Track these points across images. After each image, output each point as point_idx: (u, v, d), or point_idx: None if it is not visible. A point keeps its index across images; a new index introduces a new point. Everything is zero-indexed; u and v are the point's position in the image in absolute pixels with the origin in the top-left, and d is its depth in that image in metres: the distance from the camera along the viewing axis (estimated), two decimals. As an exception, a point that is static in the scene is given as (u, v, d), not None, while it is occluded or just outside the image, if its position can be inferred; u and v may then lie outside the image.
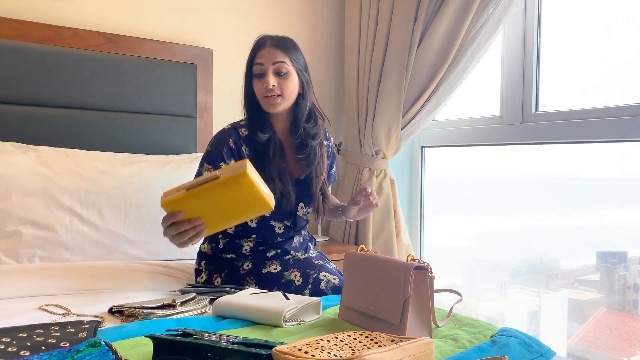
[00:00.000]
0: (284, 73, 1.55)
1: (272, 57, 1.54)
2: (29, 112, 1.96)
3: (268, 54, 1.54)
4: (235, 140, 1.59)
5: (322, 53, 2.74)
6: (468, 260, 2.70)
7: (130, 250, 1.87)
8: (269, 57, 1.54)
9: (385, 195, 2.49)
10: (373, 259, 1.24)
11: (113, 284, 1.60)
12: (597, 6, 2.02)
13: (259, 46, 1.57)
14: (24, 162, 1.79)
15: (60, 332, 1.09)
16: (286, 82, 1.55)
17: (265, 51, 1.55)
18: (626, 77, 1.91)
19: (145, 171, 1.97)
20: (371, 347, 0.94)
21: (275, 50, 1.54)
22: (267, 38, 1.58)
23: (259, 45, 1.57)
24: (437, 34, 2.20)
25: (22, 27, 1.96)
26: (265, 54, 1.55)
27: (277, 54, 1.54)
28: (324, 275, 1.54)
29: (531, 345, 1.08)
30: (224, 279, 1.65)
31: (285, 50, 1.55)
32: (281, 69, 1.54)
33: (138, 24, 2.25)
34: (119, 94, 2.13)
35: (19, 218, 1.71)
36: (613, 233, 2.12)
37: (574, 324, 2.19)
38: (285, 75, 1.55)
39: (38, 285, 1.52)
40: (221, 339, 0.93)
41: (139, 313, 1.26)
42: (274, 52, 1.54)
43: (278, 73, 1.54)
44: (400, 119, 2.36)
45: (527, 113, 2.18)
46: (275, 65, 1.54)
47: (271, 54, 1.54)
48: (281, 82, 1.55)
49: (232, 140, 1.58)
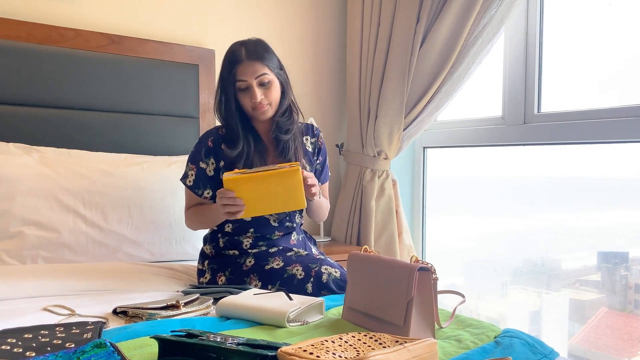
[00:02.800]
0: (267, 82, 1.61)
1: (254, 72, 1.58)
2: (32, 113, 1.97)
3: (249, 70, 1.58)
4: (213, 140, 1.68)
5: (324, 53, 2.75)
6: (469, 261, 2.70)
7: (133, 251, 1.87)
8: (250, 72, 1.58)
9: (387, 196, 2.49)
10: (377, 260, 1.24)
11: (116, 285, 1.61)
12: (599, 7, 2.03)
13: (236, 61, 1.59)
14: (27, 163, 1.79)
15: (66, 333, 1.09)
16: (270, 91, 1.62)
17: (245, 67, 1.58)
18: (628, 78, 1.91)
19: (148, 172, 1.97)
20: (376, 348, 0.94)
21: (254, 64, 1.58)
22: (241, 51, 1.60)
23: (235, 60, 1.59)
24: (439, 34, 2.20)
25: (25, 28, 1.96)
26: (245, 70, 1.58)
27: (257, 67, 1.58)
28: (326, 268, 1.56)
29: (535, 346, 1.08)
30: (228, 276, 1.66)
31: (262, 60, 1.59)
32: (264, 80, 1.60)
33: (141, 25, 2.25)
34: (121, 95, 2.13)
35: (22, 219, 1.72)
36: (614, 233, 2.12)
37: (575, 324, 2.19)
38: (268, 84, 1.61)
39: (42, 285, 1.52)
40: (226, 340, 0.94)
41: (143, 314, 1.27)
42: (253, 66, 1.58)
43: (261, 84, 1.60)
44: (402, 120, 2.37)
45: (530, 114, 2.18)
46: (258, 79, 1.59)
47: (252, 70, 1.58)
48: (266, 92, 1.61)
49: (211, 139, 1.68)
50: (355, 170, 2.57)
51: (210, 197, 1.69)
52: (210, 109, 2.35)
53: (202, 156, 1.67)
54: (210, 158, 1.67)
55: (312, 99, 2.73)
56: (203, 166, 1.67)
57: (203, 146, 1.68)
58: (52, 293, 1.49)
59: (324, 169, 1.86)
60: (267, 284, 1.59)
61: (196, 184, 1.67)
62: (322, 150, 1.84)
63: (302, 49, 2.67)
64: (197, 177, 1.67)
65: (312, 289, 1.52)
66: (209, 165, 1.67)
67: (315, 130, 1.83)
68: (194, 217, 1.71)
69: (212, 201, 1.70)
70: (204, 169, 1.67)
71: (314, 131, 1.83)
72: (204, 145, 1.68)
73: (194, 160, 1.68)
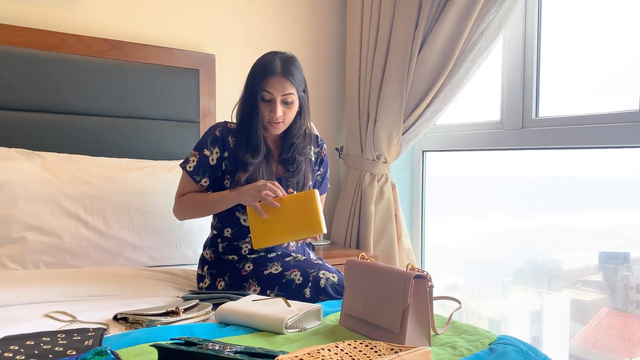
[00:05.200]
0: (290, 102, 1.64)
1: (283, 88, 1.61)
2: (33, 118, 1.99)
3: (279, 85, 1.61)
4: (221, 131, 1.70)
5: (324, 58, 2.76)
6: (470, 261, 2.71)
7: (134, 255, 1.89)
8: (279, 88, 1.61)
9: (387, 200, 2.51)
10: (373, 267, 1.25)
11: (117, 290, 1.62)
12: (596, 13, 2.04)
13: (270, 72, 1.61)
14: (29, 168, 1.81)
15: (67, 340, 1.11)
16: (290, 110, 1.66)
17: (276, 81, 1.60)
18: (625, 83, 1.92)
19: (149, 177, 1.99)
20: (371, 356, 0.96)
21: (285, 82, 1.61)
22: (277, 63, 1.61)
23: (269, 71, 1.61)
24: (438, 39, 2.21)
25: (27, 34, 1.98)
26: (276, 84, 1.60)
27: (287, 85, 1.61)
28: (324, 273, 1.57)
29: (528, 353, 1.09)
30: (227, 282, 1.67)
31: (293, 80, 1.62)
32: (288, 99, 1.63)
33: (142, 31, 2.27)
34: (122, 100, 2.15)
35: (24, 224, 1.74)
36: (616, 234, 2.12)
37: (576, 325, 2.20)
38: (290, 104, 1.65)
39: (43, 291, 1.54)
40: (224, 348, 0.95)
41: (143, 320, 1.28)
42: (284, 84, 1.61)
43: (284, 102, 1.63)
44: (401, 124, 2.38)
45: (528, 118, 2.19)
46: (284, 97, 1.62)
47: (281, 86, 1.61)
48: (285, 110, 1.65)
49: (219, 130, 1.71)
50: (355, 173, 2.58)
51: (206, 187, 1.70)
52: (210, 114, 2.37)
53: (208, 144, 1.68)
54: (215, 147, 1.68)
55: (312, 103, 2.73)
56: (207, 153, 1.68)
57: (210, 135, 1.70)
58: (53, 299, 1.51)
59: (324, 181, 1.88)
60: (266, 289, 1.61)
61: (196, 170, 1.68)
62: (324, 161, 1.86)
63: (302, 54, 2.68)
64: (198, 164, 1.68)
65: (310, 293, 1.54)
66: (213, 154, 1.68)
67: (320, 141, 1.85)
68: (190, 203, 1.69)
69: (207, 191, 1.72)
70: (207, 156, 1.68)
71: (318, 142, 1.85)
72: (211, 134, 1.70)
73: (199, 147, 1.70)
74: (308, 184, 1.75)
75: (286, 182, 1.71)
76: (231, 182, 1.67)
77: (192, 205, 1.70)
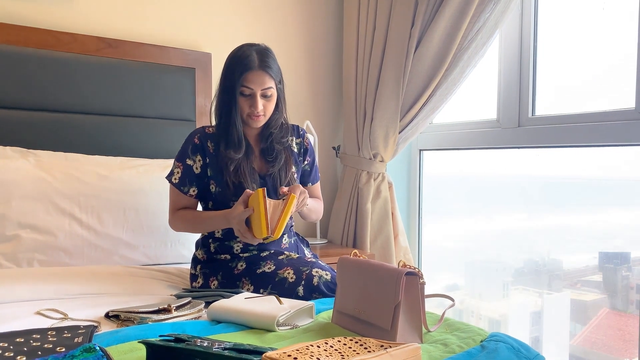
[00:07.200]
0: (269, 95, 1.66)
1: (262, 83, 1.62)
2: (28, 116, 1.99)
3: (258, 79, 1.61)
4: (200, 137, 1.71)
5: (320, 56, 2.76)
6: (470, 261, 2.71)
7: (128, 254, 1.89)
8: (259, 82, 1.62)
9: (383, 199, 2.51)
10: (365, 264, 1.25)
11: (111, 289, 1.61)
12: (592, 11, 2.03)
13: (248, 66, 1.61)
14: (23, 166, 1.81)
15: (57, 337, 1.10)
16: (269, 103, 1.67)
17: (255, 76, 1.61)
18: (621, 81, 1.92)
19: (144, 175, 1.99)
20: (360, 352, 0.95)
21: (264, 76, 1.62)
22: (254, 57, 1.61)
23: (247, 65, 1.61)
24: (434, 38, 2.21)
25: (22, 32, 1.98)
26: (254, 79, 1.61)
27: (266, 79, 1.62)
28: (317, 271, 1.57)
29: (520, 350, 1.09)
30: (220, 281, 1.67)
31: (271, 73, 1.63)
32: (267, 93, 1.65)
33: (137, 29, 2.27)
34: (118, 99, 2.15)
35: (18, 222, 1.73)
36: (616, 234, 2.12)
37: (576, 325, 2.19)
38: (270, 97, 1.66)
39: (36, 289, 1.53)
40: (213, 345, 0.95)
41: (134, 317, 1.28)
42: (263, 78, 1.62)
43: (264, 96, 1.65)
44: (398, 123, 2.38)
45: (524, 117, 2.19)
46: (263, 91, 1.64)
47: (261, 80, 1.62)
48: (265, 104, 1.66)
49: (197, 137, 1.71)
50: (352, 172, 2.58)
51: (195, 196, 1.70)
52: (206, 112, 2.36)
53: (189, 153, 1.69)
54: (197, 155, 1.69)
55: (309, 102, 2.74)
56: (190, 163, 1.68)
57: (190, 144, 1.70)
58: (46, 297, 1.50)
59: (312, 169, 1.88)
60: (259, 287, 1.60)
61: (182, 182, 1.68)
62: (309, 150, 1.85)
63: (299, 53, 2.68)
64: (183, 175, 1.68)
65: (303, 291, 1.53)
66: (196, 162, 1.69)
67: (301, 131, 1.85)
68: (187, 222, 1.71)
69: (197, 200, 1.72)
70: (190, 166, 1.68)
71: (299, 132, 1.85)
72: (190, 142, 1.70)
73: (180, 158, 1.70)
74: (290, 176, 1.75)
75: (269, 178, 1.71)
76: (216, 187, 1.67)
77: (184, 225, 1.72)
